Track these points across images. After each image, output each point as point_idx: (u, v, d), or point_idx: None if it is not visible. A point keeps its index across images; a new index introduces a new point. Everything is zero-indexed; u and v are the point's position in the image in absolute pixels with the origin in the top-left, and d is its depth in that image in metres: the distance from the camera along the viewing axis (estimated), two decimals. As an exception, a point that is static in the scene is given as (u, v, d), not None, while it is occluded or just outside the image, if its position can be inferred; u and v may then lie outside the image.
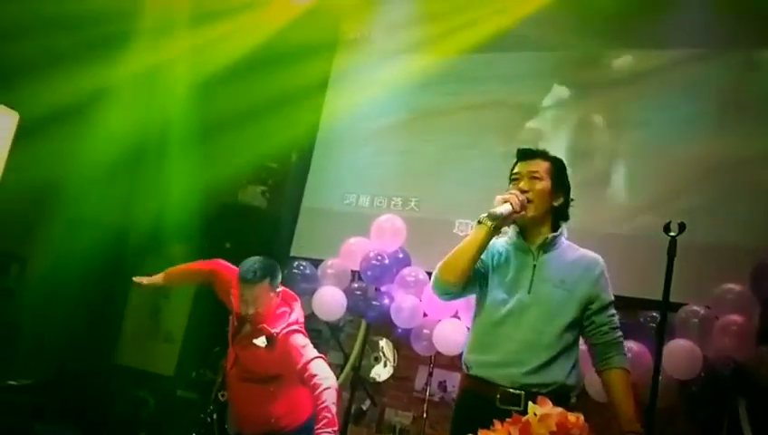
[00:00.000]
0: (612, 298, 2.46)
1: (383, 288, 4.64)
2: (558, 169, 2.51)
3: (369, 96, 5.61)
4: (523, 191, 2.43)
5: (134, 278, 3.57)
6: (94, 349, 5.71)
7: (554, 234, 2.47)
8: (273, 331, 3.01)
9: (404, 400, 4.95)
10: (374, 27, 5.86)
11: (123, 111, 5.19)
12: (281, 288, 3.13)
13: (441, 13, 5.33)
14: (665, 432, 4.02)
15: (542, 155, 2.53)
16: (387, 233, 4.72)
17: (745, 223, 4.23)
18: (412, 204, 5.32)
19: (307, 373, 2.87)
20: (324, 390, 2.79)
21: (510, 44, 5.15)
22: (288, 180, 5.86)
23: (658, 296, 2.35)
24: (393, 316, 4.53)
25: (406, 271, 4.60)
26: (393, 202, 5.39)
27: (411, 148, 5.48)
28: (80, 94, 4.70)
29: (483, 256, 2.48)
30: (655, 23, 4.70)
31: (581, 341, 2.52)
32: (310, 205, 5.70)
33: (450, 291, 2.49)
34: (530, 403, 1.59)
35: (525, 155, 2.54)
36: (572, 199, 2.54)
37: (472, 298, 4.15)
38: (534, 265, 2.44)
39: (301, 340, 3.00)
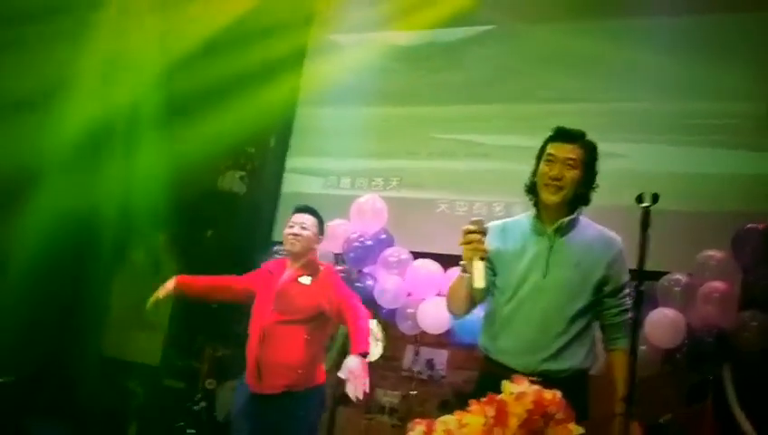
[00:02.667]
0: (627, 279, 2.40)
1: (366, 270, 4.62)
2: (591, 157, 2.40)
3: (346, 74, 5.56)
4: (555, 178, 2.34)
5: (149, 304, 3.61)
6: (79, 341, 5.66)
7: (570, 218, 2.39)
8: (318, 267, 3.38)
9: (392, 379, 4.95)
10: (349, 3, 5.78)
11: (92, 97, 5.09)
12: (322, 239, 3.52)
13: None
14: (651, 401, 4.04)
15: (581, 140, 2.40)
16: (367, 214, 4.69)
17: (725, 188, 4.24)
18: (393, 183, 5.30)
19: (349, 304, 3.23)
20: (365, 318, 3.20)
21: (484, 18, 5.11)
22: (267, 164, 5.80)
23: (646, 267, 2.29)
24: (377, 297, 4.51)
25: (388, 251, 4.58)
26: (374, 182, 5.36)
27: (391, 126, 5.45)
28: (45, 82, 4.60)
29: (491, 249, 2.38)
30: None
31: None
32: (290, 188, 5.65)
33: (461, 317, 2.65)
34: (504, 382, 1.57)
35: (564, 136, 2.40)
36: (597, 185, 2.43)
37: (455, 274, 4.24)
38: (551, 248, 2.38)
39: (341, 281, 3.48)
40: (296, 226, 3.39)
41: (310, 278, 3.34)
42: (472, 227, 2.26)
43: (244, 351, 3.43)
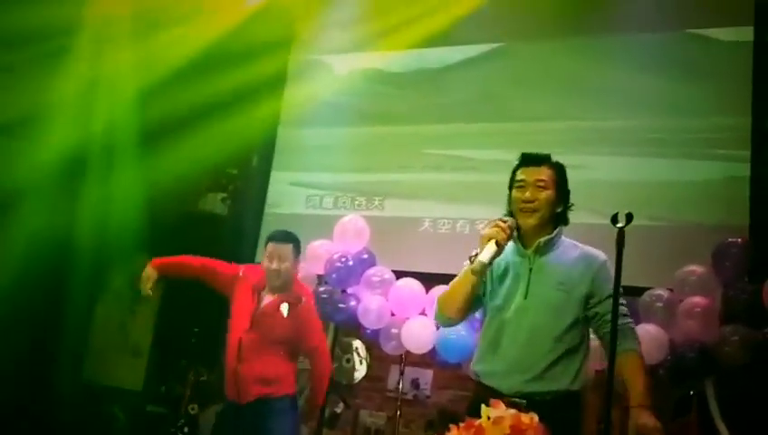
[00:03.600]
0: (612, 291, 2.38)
1: (349, 290, 4.60)
2: (561, 176, 2.47)
3: (327, 94, 5.59)
4: (528, 201, 2.39)
5: (143, 295, 3.62)
6: (60, 366, 5.59)
7: (547, 237, 2.42)
8: (300, 298, 3.44)
9: (377, 400, 4.93)
10: (328, 25, 5.81)
11: (71, 121, 5.07)
12: (301, 263, 3.60)
13: (392, 8, 5.30)
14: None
15: (549, 162, 2.47)
16: (350, 234, 4.67)
17: (705, 203, 4.28)
18: (376, 202, 5.30)
19: (319, 355, 3.49)
20: (328, 369, 3.56)
21: (463, 37, 5.16)
22: (249, 185, 5.78)
23: (626, 282, 2.24)
24: (360, 318, 4.49)
25: (371, 271, 4.56)
26: (357, 202, 5.36)
27: (373, 146, 5.47)
28: (23, 106, 4.58)
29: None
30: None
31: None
32: (273, 209, 5.64)
33: (451, 323, 2.58)
34: (483, 406, 1.57)
35: (531, 161, 2.46)
36: (572, 204, 2.50)
37: (439, 294, 4.24)
38: (531, 270, 2.41)
39: (317, 317, 3.55)
40: (274, 260, 3.40)
41: (288, 307, 3.41)
42: (506, 219, 2.36)
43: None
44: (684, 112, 4.50)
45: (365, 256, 4.64)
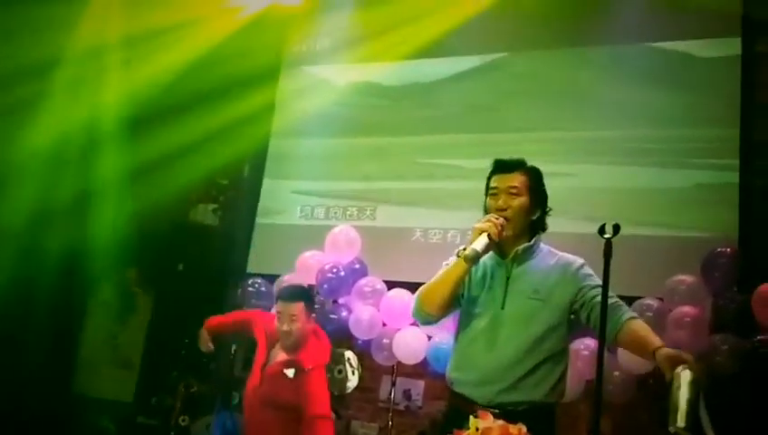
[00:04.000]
0: (598, 283, 2.29)
1: (341, 300, 4.60)
2: (536, 181, 2.42)
3: (319, 105, 5.60)
4: (500, 209, 2.35)
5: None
6: (51, 379, 5.56)
7: (525, 245, 2.39)
8: (305, 367, 3.16)
9: (369, 411, 4.91)
10: (320, 36, 5.83)
11: (59, 129, 5.05)
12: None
13: (384, 20, 5.32)
14: (627, 426, 4.06)
15: (520, 167, 2.42)
16: (341, 244, 4.68)
17: (694, 213, 4.30)
18: (368, 213, 5.31)
19: (314, 426, 3.08)
20: None
21: (455, 48, 5.20)
22: (240, 196, 5.78)
23: (616, 291, 2.26)
24: (352, 328, 4.49)
25: (362, 282, 4.57)
26: (349, 212, 5.37)
27: (365, 156, 5.49)
28: (15, 121, 4.57)
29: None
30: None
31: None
32: (264, 220, 5.64)
33: (430, 320, 2.50)
34: (471, 417, 1.57)
35: (503, 168, 2.42)
36: (550, 209, 2.46)
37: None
38: (508, 279, 2.37)
39: (322, 388, 3.20)
40: (284, 321, 3.20)
41: (294, 371, 3.19)
42: (499, 216, 2.32)
43: (218, 387, 3.41)
44: (674, 123, 4.53)
45: (356, 266, 4.65)
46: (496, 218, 2.31)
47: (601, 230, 1.91)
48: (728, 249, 3.93)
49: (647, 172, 4.51)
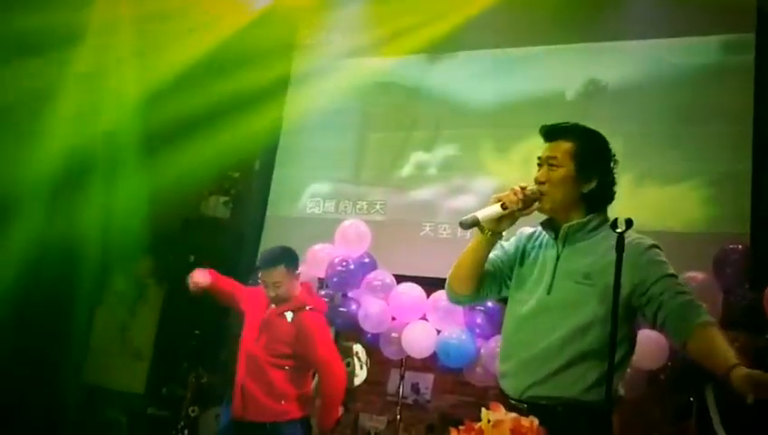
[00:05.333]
0: (670, 271, 2.07)
1: (350, 294, 4.61)
2: (586, 148, 2.13)
3: (329, 99, 5.60)
4: (539, 183, 2.12)
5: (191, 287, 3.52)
6: (62, 369, 5.60)
7: (576, 222, 2.12)
8: (304, 304, 3.31)
9: (377, 404, 4.93)
10: (331, 30, 5.83)
11: (73, 125, 5.09)
12: (300, 271, 3.39)
13: (395, 14, 5.33)
14: (637, 421, 4.05)
15: (565, 134, 2.15)
16: (351, 238, 4.68)
17: (706, 209, 4.29)
18: (377, 207, 5.32)
19: (328, 360, 3.26)
20: (339, 386, 3.28)
21: (464, 43, 5.18)
22: (251, 189, 5.80)
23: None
24: (361, 322, 4.50)
25: (372, 275, 4.57)
26: (358, 206, 5.38)
27: (375, 150, 5.49)
28: (26, 112, 4.61)
29: (511, 251, 2.25)
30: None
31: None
32: (274, 213, 5.66)
33: (461, 300, 2.32)
34: (483, 409, 1.57)
35: (548, 134, 2.18)
36: (613, 178, 2.16)
37: (439, 298, 4.24)
38: (557, 260, 2.12)
39: (326, 328, 3.38)
40: (270, 288, 3.30)
41: (292, 314, 3.31)
42: (526, 185, 2.11)
43: (228, 377, 3.44)
44: (686, 119, 4.51)
45: (366, 260, 4.66)
46: (522, 189, 2.09)
47: (614, 225, 1.89)
48: (740, 246, 3.91)
49: (658, 168, 4.50)
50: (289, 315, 3.30)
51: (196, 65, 5.23)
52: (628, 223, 1.86)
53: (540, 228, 2.24)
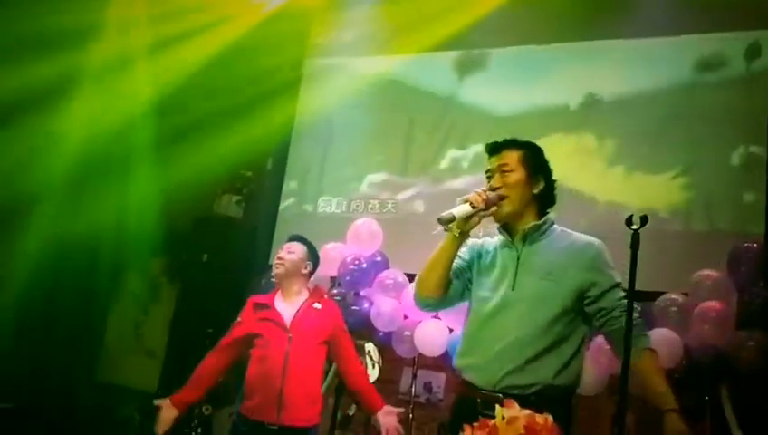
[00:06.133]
0: (618, 280, 2.28)
1: (362, 292, 4.62)
2: (532, 154, 2.39)
3: (341, 98, 5.61)
4: (494, 188, 2.32)
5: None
6: (76, 367, 5.64)
7: (533, 223, 2.34)
8: (323, 294, 3.48)
9: (390, 403, 4.85)
10: (343, 29, 5.84)
11: (89, 124, 5.13)
12: (310, 268, 3.46)
13: (407, 12, 5.32)
14: (650, 421, 4.02)
15: (511, 145, 2.40)
16: (363, 237, 4.69)
17: (721, 207, 4.26)
18: (389, 206, 5.32)
19: (351, 351, 3.43)
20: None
21: (477, 40, 5.17)
22: (264, 187, 5.81)
23: (641, 286, 2.20)
24: (373, 320, 4.50)
25: (384, 274, 4.58)
26: (370, 205, 5.38)
27: (387, 149, 5.49)
28: (44, 112, 4.64)
29: (467, 258, 2.44)
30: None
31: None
32: (287, 211, 5.67)
33: (429, 303, 2.45)
34: (497, 406, 1.57)
35: (493, 149, 2.42)
36: (555, 181, 2.41)
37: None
38: (518, 259, 2.32)
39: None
40: (283, 251, 3.44)
41: (320, 305, 3.41)
42: (496, 194, 2.31)
43: (240, 377, 3.41)
44: (700, 118, 4.48)
45: (378, 258, 4.67)
46: (483, 190, 2.31)
47: (629, 222, 1.89)
48: (755, 244, 3.88)
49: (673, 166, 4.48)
50: (318, 306, 3.38)
51: (208, 65, 5.25)
52: (644, 220, 1.86)
53: (481, 240, 2.49)
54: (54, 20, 4.55)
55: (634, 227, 1.86)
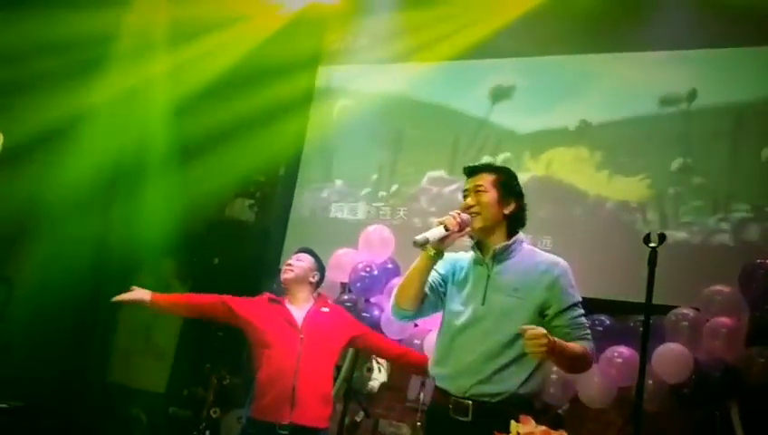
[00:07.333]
0: (576, 299, 2.46)
1: (373, 299, 4.62)
2: (505, 178, 2.57)
3: (354, 106, 5.63)
4: (469, 206, 2.49)
5: (114, 299, 3.55)
6: (86, 368, 5.67)
7: (505, 243, 2.51)
8: (328, 299, 3.66)
9: (397, 410, 4.93)
10: (358, 37, 5.87)
11: (105, 129, 5.18)
12: (317, 277, 3.57)
13: (423, 21, 5.35)
14: (654, 431, 4.02)
15: (487, 169, 2.60)
16: (375, 243, 4.69)
17: (733, 224, 4.26)
18: (401, 213, 5.33)
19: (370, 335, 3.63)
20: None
21: (494, 51, 5.19)
22: (276, 192, 5.84)
23: (654, 300, 2.30)
24: (383, 327, 4.49)
25: (395, 281, 4.56)
26: (382, 212, 5.39)
27: (399, 157, 5.50)
28: (61, 117, 4.69)
29: (443, 272, 2.58)
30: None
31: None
32: (298, 217, 5.69)
33: (406, 315, 2.60)
34: (512, 422, 1.58)
35: (470, 172, 2.60)
36: (525, 204, 2.58)
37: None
38: (488, 276, 2.49)
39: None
40: (293, 259, 3.57)
41: (328, 308, 3.55)
42: (467, 214, 2.45)
43: (250, 379, 3.43)
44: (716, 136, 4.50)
45: (389, 265, 4.66)
46: (457, 213, 2.44)
47: (647, 239, 1.90)
48: (767, 261, 3.87)
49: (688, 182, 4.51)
50: (326, 310, 3.52)
51: (224, 73, 5.30)
52: (662, 238, 1.88)
53: (458, 254, 2.63)
54: (71, 26, 4.60)
55: (652, 244, 1.87)
